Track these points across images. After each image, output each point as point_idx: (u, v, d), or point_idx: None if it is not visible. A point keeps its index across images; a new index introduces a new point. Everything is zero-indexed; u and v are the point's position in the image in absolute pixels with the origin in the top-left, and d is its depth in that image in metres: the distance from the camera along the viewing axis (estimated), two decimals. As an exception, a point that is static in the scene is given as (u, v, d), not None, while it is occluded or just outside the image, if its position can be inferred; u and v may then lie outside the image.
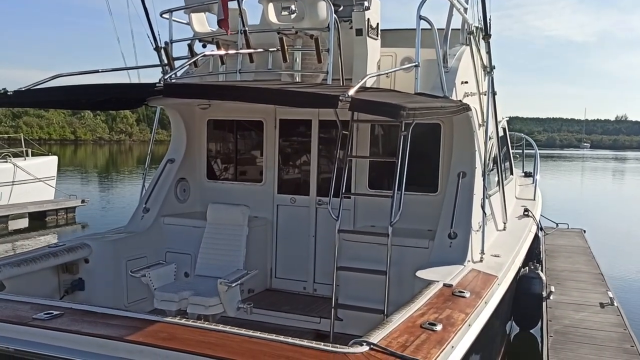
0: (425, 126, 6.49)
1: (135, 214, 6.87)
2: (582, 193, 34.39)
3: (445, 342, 3.58)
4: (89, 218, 18.36)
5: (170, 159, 7.25)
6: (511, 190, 9.08)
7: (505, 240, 6.62)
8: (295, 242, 7.17)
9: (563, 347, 5.86)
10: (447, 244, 5.62)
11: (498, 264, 5.67)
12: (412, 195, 6.34)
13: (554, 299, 7.35)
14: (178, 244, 6.69)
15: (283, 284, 7.24)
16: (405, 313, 3.96)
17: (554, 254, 10.40)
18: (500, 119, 8.45)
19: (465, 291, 4.60)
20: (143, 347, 3.21)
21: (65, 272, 5.81)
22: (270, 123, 7.28)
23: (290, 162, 7.38)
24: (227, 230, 5.83)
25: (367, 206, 6.77)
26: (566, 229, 13.18)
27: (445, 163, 6.34)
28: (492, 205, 6.69)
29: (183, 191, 7.30)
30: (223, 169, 7.69)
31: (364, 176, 6.85)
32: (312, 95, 4.27)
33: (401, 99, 4.74)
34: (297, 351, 3.21)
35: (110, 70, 6.10)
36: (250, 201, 7.05)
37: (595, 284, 8.27)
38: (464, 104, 5.67)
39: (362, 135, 6.83)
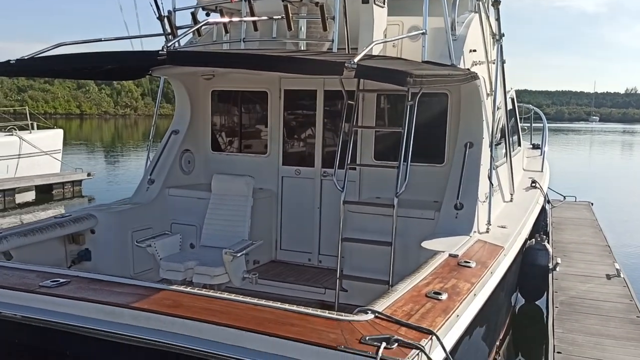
0: (432, 96, 6.41)
1: (141, 186, 6.86)
2: (590, 166, 34.19)
3: (451, 310, 3.57)
4: (95, 191, 18.42)
5: (175, 130, 7.20)
6: (519, 161, 9.00)
7: (512, 212, 6.58)
8: (300, 213, 7.15)
9: (569, 317, 5.86)
10: (453, 215, 5.58)
11: (504, 234, 5.64)
12: (419, 166, 6.28)
13: (560, 271, 7.34)
14: (183, 216, 6.69)
15: (288, 255, 7.24)
16: (410, 282, 3.95)
17: (560, 226, 10.36)
18: (508, 90, 8.34)
19: (471, 261, 4.58)
20: (149, 314, 3.22)
21: (71, 243, 5.84)
22: (275, 94, 7.20)
23: (295, 134, 7.32)
24: (232, 201, 5.82)
25: (372, 177, 6.73)
26: (573, 202, 13.12)
27: (452, 134, 6.27)
28: (499, 177, 6.63)
29: (188, 163, 7.26)
30: (227, 140, 7.64)
31: (370, 147, 6.79)
32: (317, 62, 4.20)
33: (408, 66, 4.65)
34: (302, 319, 3.21)
35: (113, 39, 5.99)
36: (255, 173, 7.01)
37: (602, 256, 8.24)
38: (472, 72, 5.57)
39: (368, 105, 6.75)
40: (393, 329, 3.14)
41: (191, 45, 6.81)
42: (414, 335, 3.10)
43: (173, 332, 3.14)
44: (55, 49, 5.21)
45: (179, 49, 4.67)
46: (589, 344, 5.18)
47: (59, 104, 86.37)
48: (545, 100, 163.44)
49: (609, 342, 5.22)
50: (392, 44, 6.21)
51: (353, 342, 2.94)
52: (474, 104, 5.91)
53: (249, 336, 3.02)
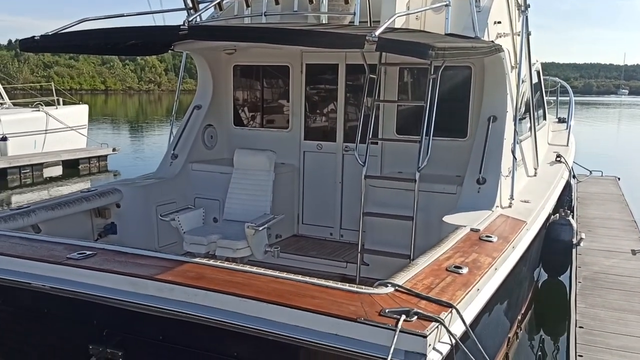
0: (455, 69, 6.32)
1: (164, 161, 6.94)
2: (618, 141, 33.48)
3: (471, 284, 3.57)
4: (120, 166, 18.70)
5: (197, 105, 7.24)
6: (544, 136, 8.86)
7: (535, 186, 6.51)
8: (322, 188, 7.18)
9: (592, 292, 5.82)
10: (476, 190, 5.54)
11: (527, 209, 5.60)
12: (441, 140, 6.24)
13: (584, 246, 7.26)
14: (206, 190, 6.77)
15: (310, 230, 7.30)
16: (431, 257, 3.96)
17: (586, 201, 10.21)
18: (534, 62, 8.17)
19: (493, 236, 4.56)
20: (173, 286, 3.29)
21: (98, 217, 5.96)
22: (297, 68, 7.18)
23: (317, 108, 7.31)
24: (254, 175, 5.86)
25: (394, 152, 6.70)
26: (600, 177, 12.90)
27: (476, 107, 6.19)
28: (523, 151, 6.55)
29: (210, 137, 7.32)
30: (250, 115, 7.66)
31: (392, 122, 6.75)
32: (337, 35, 4.17)
33: (430, 38, 4.59)
34: (322, 291, 3.25)
35: (135, 14, 6.02)
36: (276, 148, 7.04)
37: (627, 231, 8.13)
38: (496, 44, 5.47)
39: (390, 79, 6.69)
40: (413, 302, 3.16)
41: (213, 20, 6.80)
42: (433, 308, 3.12)
43: (196, 304, 3.21)
44: (79, 25, 5.27)
45: (200, 24, 4.67)
46: (611, 319, 5.15)
47: (84, 80, 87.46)
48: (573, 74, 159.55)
49: (633, 317, 5.18)
50: (415, 16, 6.12)
51: (372, 315, 2.97)
52: (497, 77, 5.81)
53: (270, 308, 3.07)
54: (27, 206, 5.20)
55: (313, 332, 2.98)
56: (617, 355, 4.49)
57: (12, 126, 16.92)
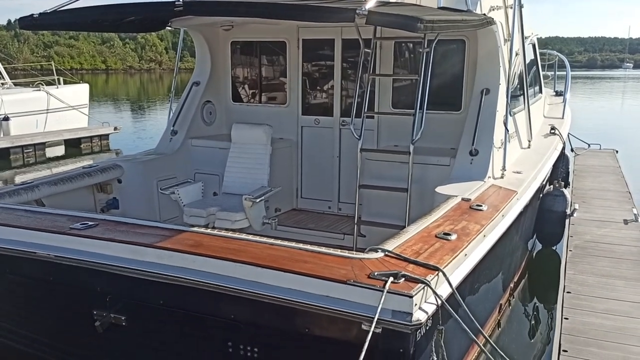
0: (449, 43, 6.39)
1: (164, 137, 7.07)
2: (620, 114, 33.40)
3: (459, 250, 3.72)
4: (122, 145, 18.83)
5: (196, 81, 7.34)
6: (539, 109, 8.94)
7: (528, 158, 6.62)
8: (320, 162, 7.30)
9: (582, 260, 5.97)
10: (468, 161, 5.66)
11: (519, 180, 5.72)
12: (436, 114, 6.35)
13: (578, 216, 7.39)
14: (206, 165, 6.90)
15: (309, 203, 7.45)
16: (421, 224, 4.10)
17: (582, 173, 10.32)
18: (529, 35, 8.22)
19: (483, 205, 4.69)
20: (172, 253, 3.45)
21: (100, 192, 6.12)
22: (293, 43, 7.25)
23: (314, 84, 7.40)
24: (251, 149, 5.99)
25: (390, 125, 6.81)
26: (598, 150, 12.99)
27: (470, 81, 6.27)
28: (517, 123, 6.64)
29: (209, 114, 7.43)
30: (248, 91, 7.76)
31: (387, 95, 6.84)
32: (328, 9, 4.25)
33: (421, 12, 4.67)
34: (315, 257, 3.41)
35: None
36: (275, 123, 7.15)
37: (621, 202, 8.25)
38: (487, 17, 5.53)
39: (385, 54, 6.77)
40: (401, 265, 3.32)
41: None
42: (420, 271, 3.27)
43: (194, 269, 3.37)
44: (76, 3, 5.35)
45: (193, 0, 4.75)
46: (598, 285, 5.31)
47: (84, 59, 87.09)
48: (577, 47, 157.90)
49: (620, 282, 5.34)
50: None
51: (362, 277, 3.13)
52: (490, 50, 5.88)
53: (265, 272, 3.23)
54: (31, 181, 5.35)
55: (306, 294, 3.15)
56: (601, 318, 4.65)
57: (14, 106, 17.04)
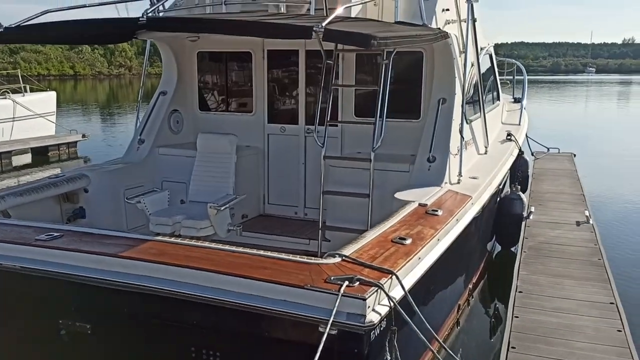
0: (408, 55, 6.64)
1: (131, 146, 7.16)
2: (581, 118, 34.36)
3: (412, 253, 3.93)
4: (90, 152, 18.65)
5: (163, 91, 7.45)
6: (497, 116, 9.27)
7: (485, 163, 6.91)
8: (286, 169, 7.48)
9: (535, 260, 6.27)
10: (426, 167, 5.91)
11: (474, 185, 5.98)
12: (397, 122, 6.59)
13: (534, 219, 7.72)
14: (173, 174, 7.01)
15: (275, 209, 7.61)
16: (379, 230, 4.31)
17: (541, 177, 10.72)
18: (485, 46, 8.56)
19: (439, 210, 4.93)
20: (136, 262, 3.58)
21: (66, 202, 6.18)
22: (259, 54, 7.41)
23: (279, 92, 7.58)
24: (217, 158, 6.13)
25: (353, 133, 7.03)
26: (557, 153, 13.47)
27: (428, 90, 6.53)
28: (474, 130, 6.93)
29: (176, 122, 7.54)
30: (214, 100, 7.89)
31: (350, 104, 7.06)
32: (285, 26, 4.45)
33: (375, 28, 4.89)
34: (275, 263, 3.58)
35: (97, 4, 6.21)
36: (241, 131, 7.31)
37: (575, 204, 8.63)
38: (441, 31, 5.80)
39: (347, 64, 6.99)
40: (357, 270, 3.51)
41: (176, 8, 6.98)
42: (375, 275, 3.47)
43: (158, 277, 3.51)
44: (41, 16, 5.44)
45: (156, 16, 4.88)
46: (549, 284, 5.60)
47: (52, 65, 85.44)
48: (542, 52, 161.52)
49: (568, 282, 5.64)
50: (373, 3, 6.40)
51: (319, 282, 3.31)
52: (446, 62, 6.16)
53: (225, 279, 3.39)
54: None
55: (266, 299, 3.32)
56: (549, 316, 4.93)
57: (-21, 114, 16.78)
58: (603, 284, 5.56)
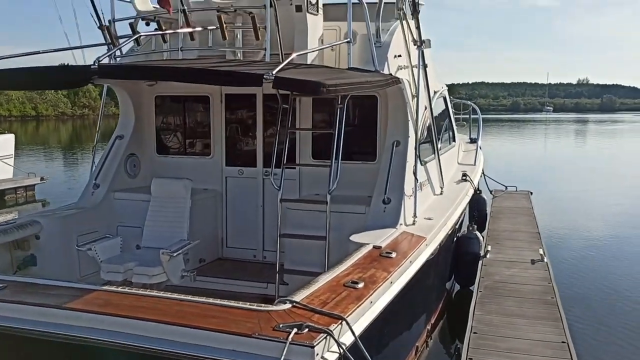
0: (363, 98, 6.80)
1: (86, 190, 7.06)
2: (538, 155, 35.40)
3: (364, 297, 3.94)
4: (49, 195, 18.29)
5: (119, 135, 7.41)
6: (453, 156, 9.49)
7: (440, 204, 7.03)
8: (245, 212, 7.46)
9: (490, 300, 6.34)
10: (382, 209, 5.98)
11: (429, 226, 6.07)
12: (353, 164, 6.70)
13: (490, 257, 7.84)
14: (129, 218, 6.91)
15: (234, 252, 7.55)
16: (332, 274, 4.32)
17: (499, 215, 10.93)
18: (439, 89, 8.83)
19: (393, 252, 4.97)
20: (80, 314, 3.49)
21: (17, 249, 6.01)
22: (217, 98, 7.48)
23: (238, 135, 7.62)
24: (171, 203, 6.09)
25: (311, 175, 7.09)
26: (514, 192, 13.78)
27: (383, 133, 6.67)
28: (429, 172, 7.07)
29: (133, 166, 7.48)
30: (172, 143, 7.88)
31: (308, 147, 7.15)
32: (236, 74, 4.52)
33: (327, 75, 5.01)
34: (224, 311, 3.54)
35: (51, 50, 6.17)
36: (199, 174, 7.29)
37: (531, 242, 8.80)
38: (393, 77, 5.97)
39: (304, 106, 7.10)
40: (307, 316, 3.50)
41: (133, 54, 7.02)
42: (325, 321, 3.45)
43: (103, 329, 3.43)
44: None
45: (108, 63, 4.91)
46: (503, 324, 5.66)
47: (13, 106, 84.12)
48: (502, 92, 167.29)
49: (522, 321, 5.71)
50: (331, 48, 6.57)
51: (267, 330, 3.28)
52: (399, 106, 6.32)
53: (172, 329, 3.33)
54: None
55: (213, 350, 3.26)
56: (503, 357, 4.97)
57: None
58: (555, 322, 5.64)
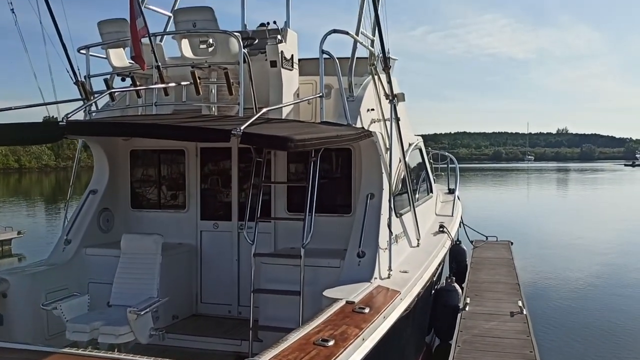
0: (338, 151, 6.85)
1: (57, 246, 6.92)
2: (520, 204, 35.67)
3: (334, 356, 3.85)
4: (26, 249, 17.99)
5: (93, 190, 7.34)
6: (430, 207, 9.52)
7: (416, 257, 6.99)
8: (220, 266, 7.35)
9: (468, 355, 6.24)
10: (356, 263, 5.92)
11: (404, 279, 6.01)
12: (328, 217, 6.68)
13: (469, 310, 7.76)
14: (101, 274, 6.75)
15: (209, 308, 7.39)
16: (302, 331, 4.23)
17: (479, 266, 10.90)
18: (415, 141, 8.94)
19: (366, 307, 4.89)
20: None
21: None
22: (192, 152, 7.49)
23: (212, 189, 7.59)
24: (141, 259, 5.98)
25: (287, 229, 7.04)
26: (495, 242, 13.79)
27: (358, 185, 6.68)
28: (405, 224, 7.06)
29: (106, 221, 7.39)
30: (147, 197, 7.82)
31: (283, 200, 7.13)
32: (204, 130, 4.55)
33: (297, 129, 5.06)
34: None
35: (25, 107, 6.17)
36: (174, 228, 7.21)
37: (510, 294, 8.75)
38: (365, 130, 6.04)
39: (279, 160, 7.12)
40: None
41: (108, 109, 7.04)
42: None
43: None
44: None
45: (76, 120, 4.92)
46: (481, 381, 5.55)
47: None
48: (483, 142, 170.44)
49: (500, 377, 5.61)
50: (307, 102, 6.65)
51: None
52: (372, 158, 6.37)
53: None
54: None
55: None
56: (481, 414, 4.84)
57: None
58: (534, 377, 5.55)
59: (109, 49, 6.69)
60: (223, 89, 6.33)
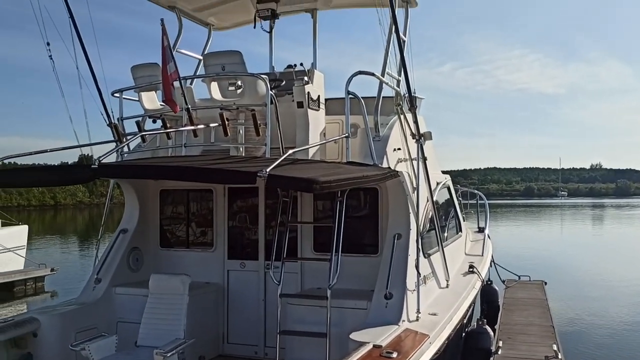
0: (365, 191, 6.85)
1: (87, 285, 7.02)
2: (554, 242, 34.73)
3: None
4: (59, 286, 18.25)
5: (123, 229, 7.47)
6: (460, 247, 9.36)
7: (445, 298, 6.85)
8: (246, 306, 7.33)
9: (501, 402, 6.02)
10: (384, 305, 5.84)
11: (433, 322, 5.89)
12: (355, 257, 6.64)
13: (502, 354, 7.52)
14: (129, 314, 6.81)
15: (235, 349, 7.34)
16: None
17: (511, 307, 10.60)
18: (443, 180, 8.87)
19: (394, 352, 4.80)
20: None
21: (14, 347, 5.91)
22: (220, 191, 7.58)
23: (240, 228, 7.64)
24: (168, 299, 6.01)
25: (313, 269, 7.01)
26: (528, 282, 13.43)
27: (385, 225, 6.64)
28: (433, 264, 6.95)
29: (136, 260, 7.48)
30: (175, 237, 7.91)
31: (309, 240, 7.12)
32: (230, 172, 4.60)
33: (322, 171, 5.08)
34: None
35: (60, 149, 6.39)
36: (202, 267, 7.24)
37: (544, 337, 8.46)
38: (391, 170, 6.03)
39: (306, 199, 7.14)
40: None
41: (140, 150, 7.21)
42: None
43: None
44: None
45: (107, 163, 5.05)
46: None
47: (32, 196, 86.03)
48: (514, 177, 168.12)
49: None
50: (334, 141, 6.69)
51: None
52: (399, 198, 6.34)
53: None
54: None
55: None
56: None
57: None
58: None
59: (141, 92, 6.89)
60: (250, 129, 6.43)
